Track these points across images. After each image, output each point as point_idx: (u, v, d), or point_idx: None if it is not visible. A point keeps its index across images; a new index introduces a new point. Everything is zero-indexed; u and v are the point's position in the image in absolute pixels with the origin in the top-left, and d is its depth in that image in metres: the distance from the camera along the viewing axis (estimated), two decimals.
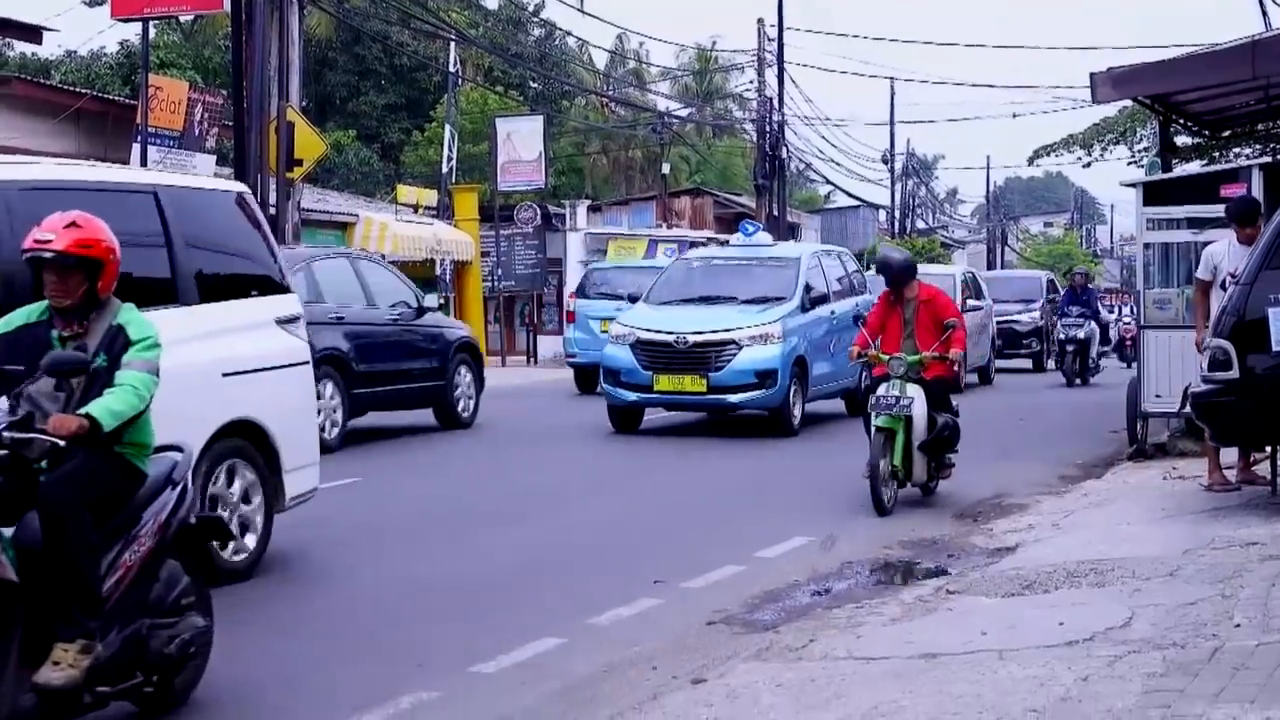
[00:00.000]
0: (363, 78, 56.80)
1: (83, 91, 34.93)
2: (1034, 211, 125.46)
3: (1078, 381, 28.19)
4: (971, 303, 27.81)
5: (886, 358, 12.45)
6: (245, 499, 9.67)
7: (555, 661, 7.50)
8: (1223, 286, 11.56)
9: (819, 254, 21.31)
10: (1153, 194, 15.08)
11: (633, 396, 18.13)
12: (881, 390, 12.30)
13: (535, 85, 61.31)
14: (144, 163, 26.19)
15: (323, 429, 14.78)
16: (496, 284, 39.12)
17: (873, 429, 12.16)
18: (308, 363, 10.57)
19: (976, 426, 19.23)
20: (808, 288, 19.24)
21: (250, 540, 9.65)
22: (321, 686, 7.18)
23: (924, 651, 7.14)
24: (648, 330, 18.23)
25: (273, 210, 24.78)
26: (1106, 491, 12.95)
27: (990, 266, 75.70)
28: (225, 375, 9.51)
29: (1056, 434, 18.71)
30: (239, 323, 9.88)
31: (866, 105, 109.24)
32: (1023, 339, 34.02)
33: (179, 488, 6.59)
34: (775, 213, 46.94)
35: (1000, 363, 31.64)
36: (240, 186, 10.97)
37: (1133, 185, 15.97)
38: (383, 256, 37.89)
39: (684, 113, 64.22)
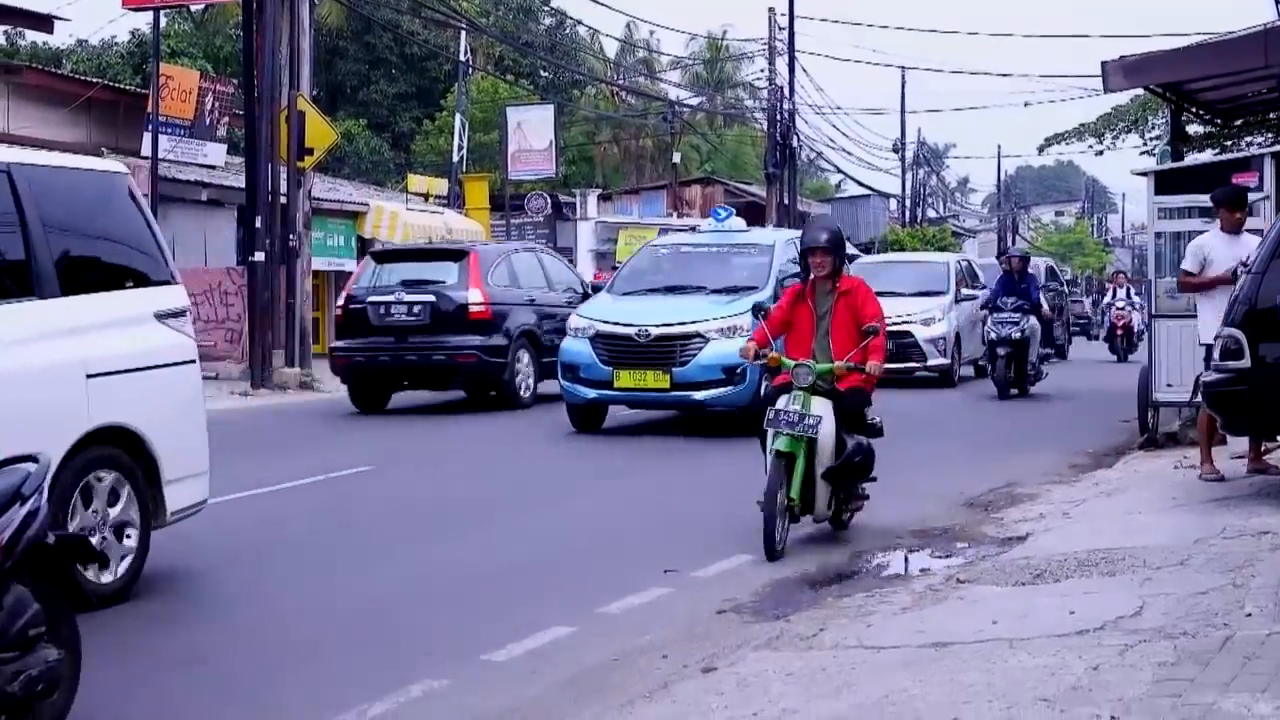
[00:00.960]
0: (373, 67, 56.86)
1: (94, 81, 35.07)
2: (1045, 200, 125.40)
3: (1013, 392, 22.60)
4: (966, 291, 26.93)
5: (791, 364, 10.20)
6: (117, 514, 8.60)
7: (566, 650, 7.49)
8: (1235, 275, 11.55)
9: (794, 240, 18.60)
10: (1164, 183, 15.04)
11: (592, 394, 17.11)
12: (782, 403, 10.03)
13: (546, 74, 61.36)
14: (155, 151, 26.21)
15: (522, 389, 20.38)
16: None
17: (769, 451, 10.02)
18: (194, 361, 9.45)
19: (981, 416, 19.23)
20: (782, 276, 17.48)
21: (124, 560, 8.62)
22: (320, 677, 7.19)
23: (934, 640, 7.13)
24: (607, 323, 17.21)
25: (284, 199, 24.82)
26: (1117, 480, 12.93)
27: (1001, 256, 75.59)
28: (91, 376, 8.44)
29: (1067, 423, 18.68)
30: (110, 318, 8.79)
31: (877, 94, 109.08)
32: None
33: (28, 503, 5.74)
34: (786, 201, 46.93)
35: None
36: (118, 167, 9.68)
37: (1144, 174, 15.94)
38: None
39: (695, 101, 64.24)
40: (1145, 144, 30.91)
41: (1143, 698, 5.81)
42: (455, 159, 42.86)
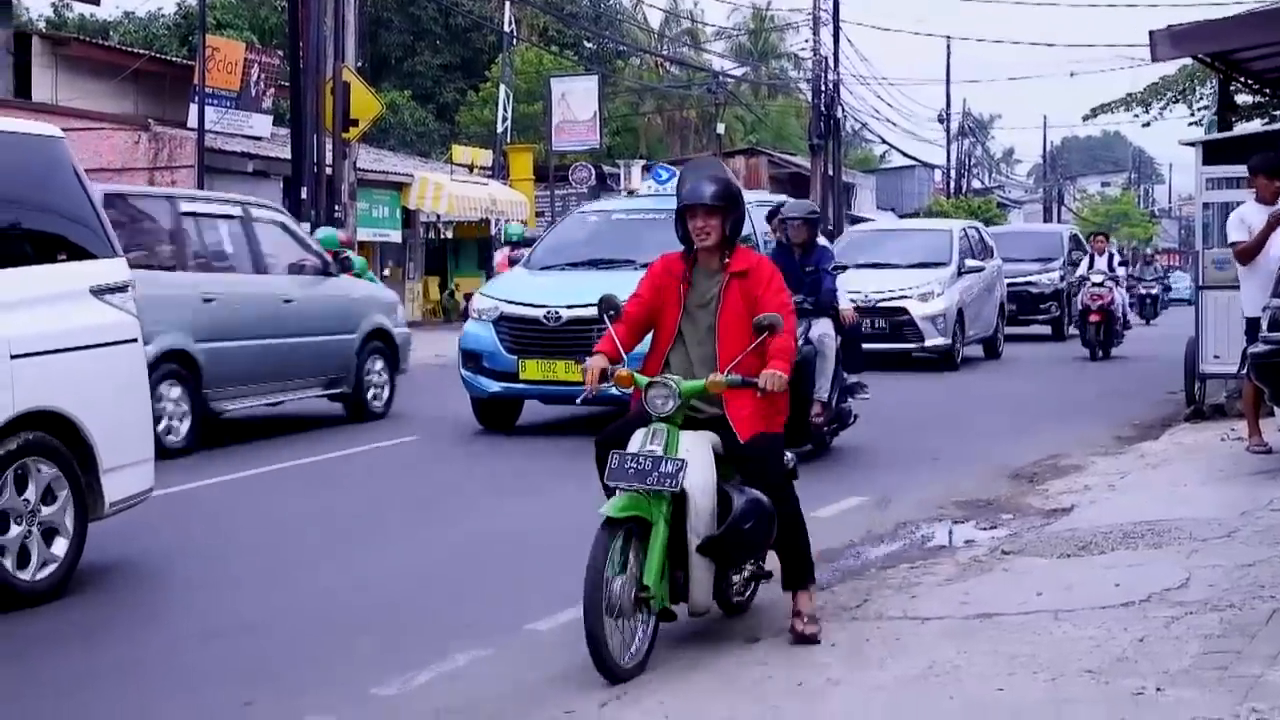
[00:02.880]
0: (418, 38, 56.90)
1: (140, 52, 35.26)
2: (1091, 171, 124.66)
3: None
4: (971, 263, 24.33)
5: (644, 381, 6.72)
6: (47, 505, 7.95)
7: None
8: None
9: (753, 206, 15.13)
10: (1212, 153, 14.94)
11: (495, 386, 14.69)
12: (635, 444, 6.59)
13: (590, 45, 61.29)
14: (201, 123, 26.33)
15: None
16: None
17: (605, 512, 6.41)
18: (135, 340, 8.71)
19: (1022, 387, 19.12)
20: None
21: (58, 551, 7.96)
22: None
23: (979, 612, 7.14)
24: (513, 303, 14.77)
25: (329, 170, 24.91)
26: (1163, 453, 12.88)
27: None
28: (15, 357, 7.70)
29: (1113, 395, 18.60)
30: (39, 293, 8.04)
31: (922, 64, 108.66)
32: (1039, 303, 30.67)
33: None
34: (830, 172, 46.80)
35: (1014, 329, 28.65)
36: (54, 131, 8.73)
37: (1192, 144, 15.83)
38: (438, 217, 38.25)
39: (739, 72, 64.08)
40: (1193, 114, 30.67)
41: (1189, 670, 5.81)
42: (500, 130, 42.83)
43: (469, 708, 6.06)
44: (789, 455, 7.20)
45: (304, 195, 24.32)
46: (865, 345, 14.54)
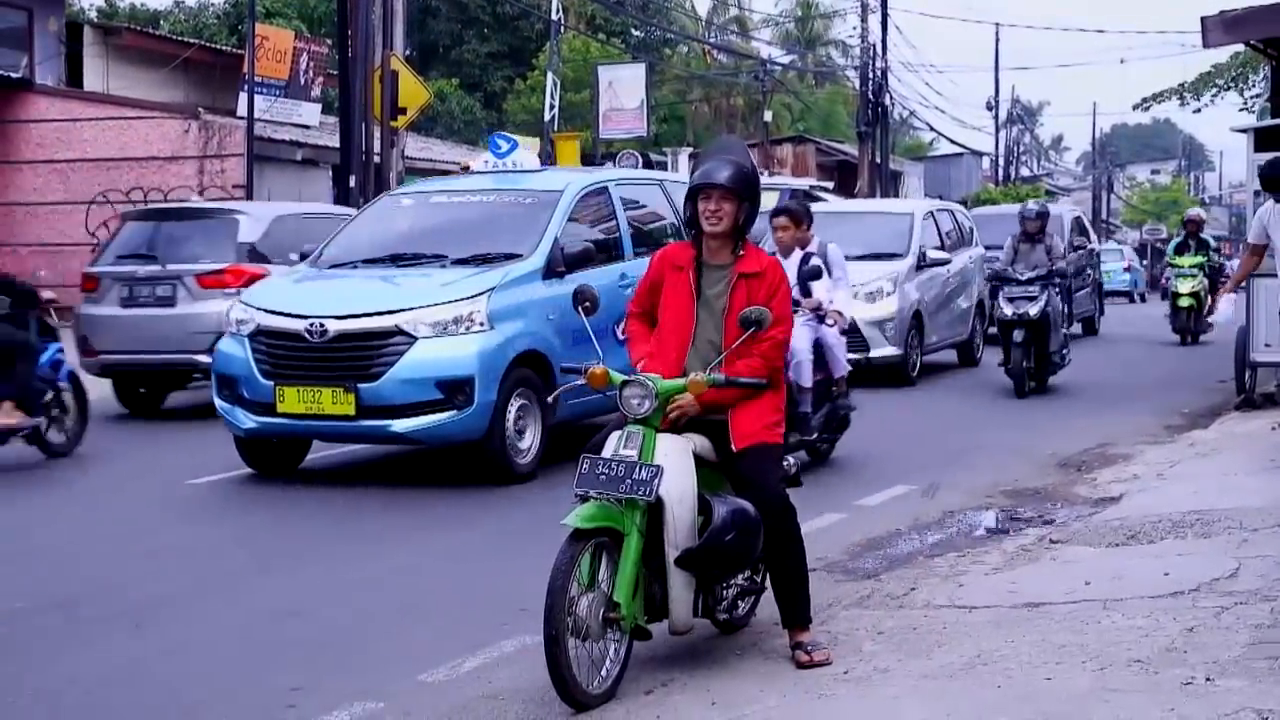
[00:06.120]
0: (465, 26, 56.99)
1: (191, 41, 35.40)
2: (1141, 158, 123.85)
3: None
4: (935, 254, 19.59)
5: (619, 378, 6.23)
6: None
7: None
8: None
9: (608, 184, 13.24)
10: (1265, 139, 14.85)
11: (250, 422, 11.29)
12: (610, 448, 6.15)
13: (637, 33, 61.26)
14: (251, 111, 26.46)
15: None
16: None
17: (570, 522, 5.93)
18: None
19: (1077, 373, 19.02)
20: (558, 242, 11.90)
21: None
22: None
23: (1027, 601, 7.13)
24: (272, 313, 11.38)
25: (377, 158, 24.99)
26: (1213, 441, 12.81)
27: (1096, 215, 74.85)
28: None
29: (1162, 383, 18.51)
30: None
31: (971, 51, 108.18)
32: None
33: None
34: (878, 160, 46.66)
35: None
36: None
37: (1243, 131, 15.74)
38: None
39: (786, 60, 63.92)
40: (1245, 103, 30.46)
41: (1238, 660, 5.79)
42: (547, 118, 42.81)
43: (515, 692, 6.10)
44: (790, 460, 6.82)
45: (352, 183, 24.39)
46: None
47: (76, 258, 26.72)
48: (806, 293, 11.10)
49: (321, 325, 10.91)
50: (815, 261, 11.28)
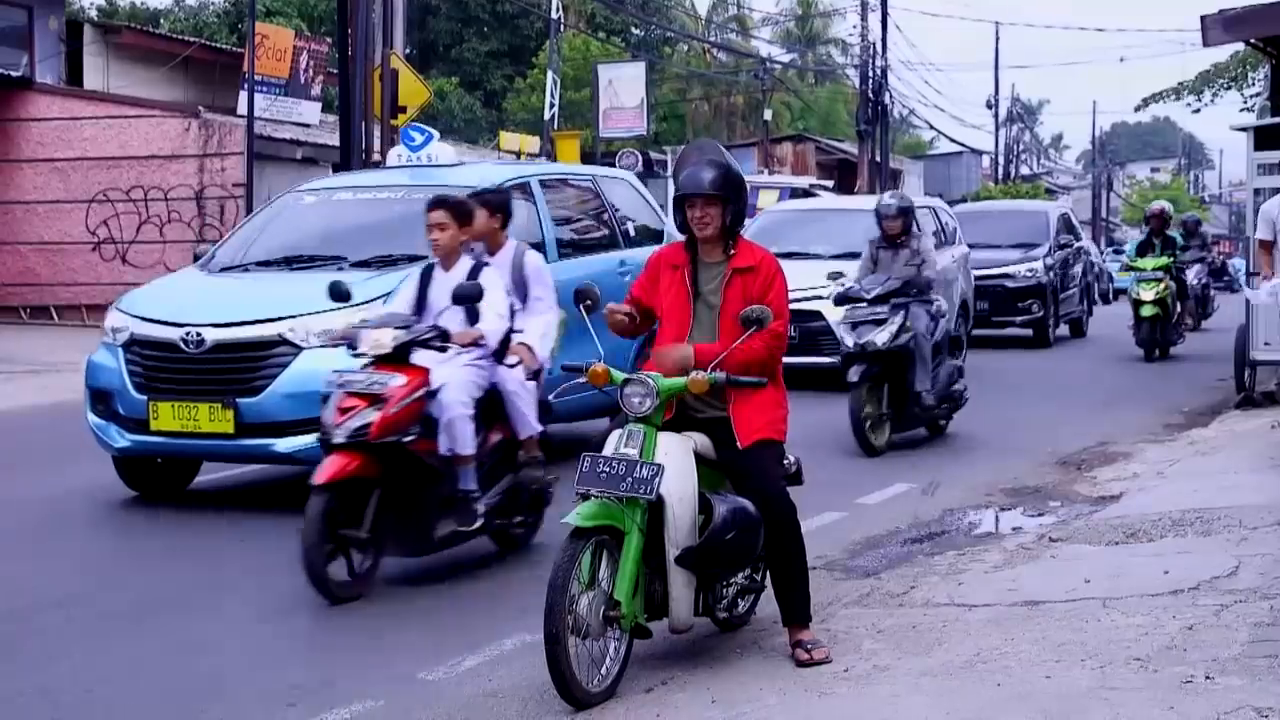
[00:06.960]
0: (465, 25, 57.06)
1: (191, 40, 35.44)
2: (1141, 157, 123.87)
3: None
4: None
5: (619, 377, 6.25)
6: None
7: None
8: None
9: (529, 180, 12.14)
10: (1265, 138, 14.84)
11: (123, 440, 10.36)
12: (610, 446, 6.17)
13: (637, 31, 61.30)
14: (251, 110, 26.47)
15: None
16: None
17: (571, 521, 5.98)
18: None
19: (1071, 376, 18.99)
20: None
21: None
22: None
23: (1026, 599, 7.13)
24: (147, 320, 10.43)
25: (378, 156, 24.99)
26: (1213, 440, 12.81)
27: (1095, 213, 74.90)
28: None
29: (1162, 382, 18.50)
30: None
31: (971, 49, 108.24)
32: (1018, 300, 23.41)
33: None
34: (878, 159, 46.67)
35: (986, 331, 22.86)
36: None
37: (1243, 129, 15.74)
38: None
39: (786, 58, 63.94)
40: (1245, 101, 30.46)
41: (1238, 658, 5.79)
42: (547, 117, 42.82)
43: (515, 690, 6.11)
44: (790, 458, 6.70)
45: None
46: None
47: (77, 257, 26.80)
48: (473, 319, 8.41)
49: (198, 334, 9.99)
50: (486, 278, 8.55)
